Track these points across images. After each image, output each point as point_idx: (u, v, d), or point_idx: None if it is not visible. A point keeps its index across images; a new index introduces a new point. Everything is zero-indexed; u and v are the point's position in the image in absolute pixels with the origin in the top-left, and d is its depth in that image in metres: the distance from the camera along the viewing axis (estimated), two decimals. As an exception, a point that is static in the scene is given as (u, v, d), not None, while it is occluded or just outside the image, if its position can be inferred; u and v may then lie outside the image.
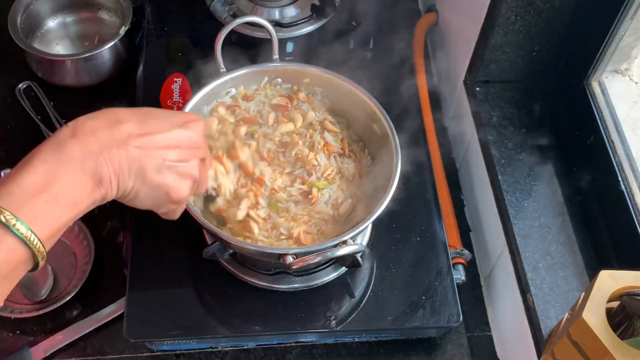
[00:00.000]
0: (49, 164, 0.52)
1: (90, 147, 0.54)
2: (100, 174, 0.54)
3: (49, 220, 0.51)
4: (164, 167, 0.59)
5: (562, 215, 0.85)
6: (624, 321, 0.62)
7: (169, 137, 0.59)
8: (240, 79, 0.88)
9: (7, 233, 0.49)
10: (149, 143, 0.58)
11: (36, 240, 0.50)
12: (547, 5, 0.86)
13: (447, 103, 1.12)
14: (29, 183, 0.51)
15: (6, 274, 0.50)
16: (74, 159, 0.53)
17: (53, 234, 0.52)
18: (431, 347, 0.89)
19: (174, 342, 0.85)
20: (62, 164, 0.53)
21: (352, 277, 0.87)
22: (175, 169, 0.60)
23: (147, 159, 0.57)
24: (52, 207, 0.51)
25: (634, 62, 0.89)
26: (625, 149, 0.82)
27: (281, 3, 1.13)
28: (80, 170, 0.53)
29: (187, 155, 0.61)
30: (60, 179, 0.52)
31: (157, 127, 0.59)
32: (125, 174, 0.56)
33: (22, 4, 1.08)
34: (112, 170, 0.55)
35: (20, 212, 0.50)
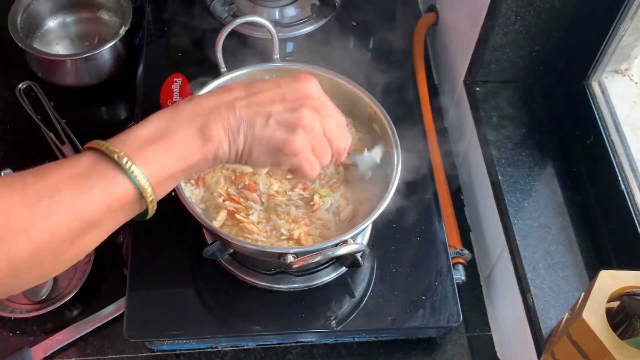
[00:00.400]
0: (162, 121, 0.57)
1: (201, 107, 0.58)
2: (209, 131, 0.57)
3: (159, 166, 0.55)
4: (271, 120, 0.60)
5: (562, 215, 0.85)
6: (624, 321, 0.62)
7: (272, 93, 0.61)
8: (241, 79, 0.88)
9: (119, 171, 0.53)
10: (254, 101, 0.60)
11: (145, 181, 0.53)
12: (547, 5, 0.86)
13: (447, 103, 1.12)
14: (143, 134, 0.56)
15: (115, 209, 0.53)
16: (185, 117, 0.57)
17: (163, 180, 0.56)
18: (431, 347, 0.89)
19: (174, 342, 0.85)
20: (174, 121, 0.57)
21: (352, 277, 0.87)
22: (282, 121, 0.60)
23: (253, 116, 0.59)
24: (163, 155, 0.55)
25: (634, 62, 0.89)
26: (625, 149, 0.82)
27: (281, 3, 1.13)
28: (190, 126, 0.57)
29: (292, 105, 0.61)
30: (172, 132, 0.56)
31: (262, 88, 0.62)
32: (235, 132, 0.59)
33: (22, 4, 1.08)
34: (222, 128, 0.58)
35: (134, 155, 0.53)
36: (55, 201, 0.50)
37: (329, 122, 0.64)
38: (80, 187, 0.52)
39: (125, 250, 0.95)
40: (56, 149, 1.03)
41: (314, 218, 0.80)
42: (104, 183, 0.52)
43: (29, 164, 1.04)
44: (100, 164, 0.53)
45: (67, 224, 0.51)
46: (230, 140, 0.59)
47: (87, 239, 0.53)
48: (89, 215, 0.52)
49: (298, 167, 0.64)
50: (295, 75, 0.64)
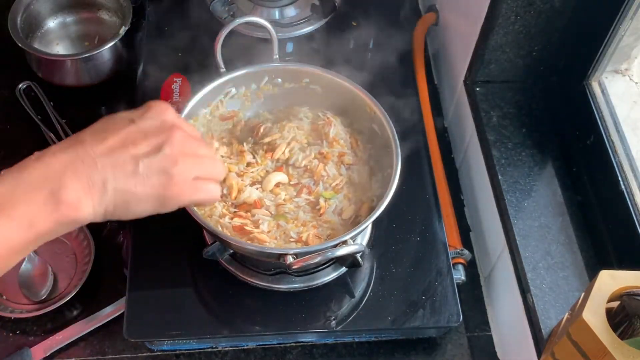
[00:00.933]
0: (6, 185, 0.51)
1: (53, 168, 0.52)
2: (64, 194, 0.51)
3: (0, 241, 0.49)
4: (141, 166, 0.54)
5: (562, 215, 0.85)
6: (624, 321, 0.62)
7: (130, 133, 0.55)
8: (241, 79, 0.88)
9: None
10: (113, 147, 0.54)
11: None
12: (547, 5, 0.86)
13: (447, 103, 1.12)
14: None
15: None
16: (33, 180, 0.51)
17: (6, 255, 0.50)
18: (431, 347, 0.89)
19: (174, 342, 0.85)
20: (20, 184, 0.51)
21: (352, 277, 0.87)
22: (153, 164, 0.55)
23: (120, 165, 0.53)
24: (5, 228, 0.49)
25: (634, 62, 0.89)
26: (625, 149, 0.82)
27: (281, 3, 1.13)
28: (39, 189, 0.51)
29: (157, 140, 0.56)
30: (15, 199, 0.50)
31: (117, 129, 0.55)
32: (100, 189, 0.53)
33: (22, 4, 1.08)
34: (81, 188, 0.52)
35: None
36: None
37: (198, 145, 0.59)
38: None
39: (125, 250, 0.95)
40: (56, 149, 1.03)
41: (321, 221, 0.80)
42: None
43: (29, 164, 1.04)
44: None
45: None
46: (96, 199, 0.52)
47: None
48: None
49: (195, 202, 0.60)
50: (147, 105, 0.59)
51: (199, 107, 0.86)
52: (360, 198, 0.83)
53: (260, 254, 0.76)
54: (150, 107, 0.59)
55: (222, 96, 0.88)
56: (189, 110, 0.83)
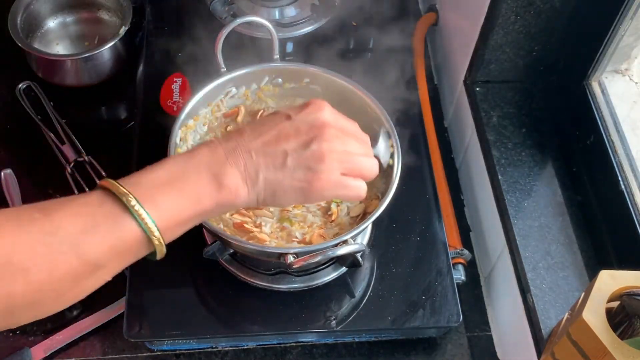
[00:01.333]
0: (178, 165, 0.56)
1: (218, 153, 0.58)
2: (225, 179, 0.56)
3: (169, 210, 0.54)
4: (288, 160, 0.58)
5: (562, 215, 0.85)
6: (624, 321, 0.62)
7: (284, 129, 0.59)
8: (241, 79, 0.88)
9: (127, 214, 0.52)
10: (268, 141, 0.59)
11: (153, 225, 0.52)
12: (547, 5, 0.86)
13: (447, 103, 1.12)
14: (157, 176, 0.55)
15: (120, 252, 0.53)
16: (201, 162, 0.57)
17: (173, 224, 0.55)
18: (431, 347, 0.89)
19: (174, 342, 0.85)
20: (190, 165, 0.56)
21: (352, 277, 0.87)
22: (300, 160, 0.59)
23: (270, 158, 0.58)
24: (174, 198, 0.54)
25: (634, 62, 0.89)
26: (625, 149, 0.82)
27: (281, 3, 1.13)
28: (206, 171, 0.56)
29: (307, 137, 0.59)
30: (186, 177, 0.55)
31: (274, 124, 0.60)
32: (254, 178, 0.58)
33: (22, 4, 1.08)
34: (239, 174, 0.57)
35: (143, 197, 0.52)
36: (59, 240, 0.49)
37: (350, 142, 0.62)
38: (86, 226, 0.50)
39: (125, 250, 0.95)
40: (56, 149, 1.03)
41: (331, 224, 0.80)
42: (110, 225, 0.51)
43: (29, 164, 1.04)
44: (109, 205, 0.52)
45: (69, 265, 0.49)
46: (249, 186, 0.58)
47: (90, 282, 0.52)
48: (92, 257, 0.51)
49: (340, 197, 0.62)
50: (306, 103, 0.62)
51: (200, 106, 0.86)
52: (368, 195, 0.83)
53: (261, 253, 0.76)
54: (309, 104, 0.62)
55: (222, 96, 0.88)
56: (189, 110, 0.83)
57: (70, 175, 1.00)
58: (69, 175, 1.00)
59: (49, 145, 1.03)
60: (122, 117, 1.12)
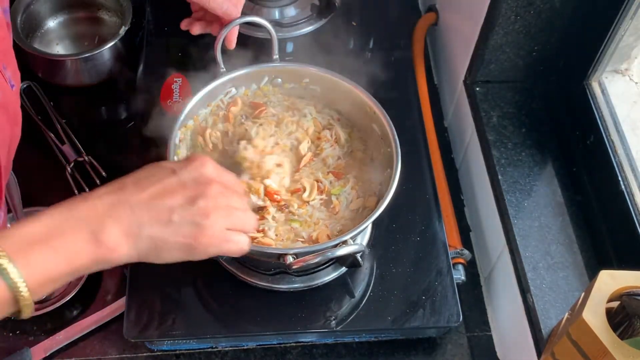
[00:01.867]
0: (55, 220, 0.54)
1: (97, 209, 0.56)
2: (104, 236, 0.55)
3: (41, 267, 0.52)
4: (174, 216, 0.58)
5: (562, 215, 0.85)
6: (624, 321, 0.62)
7: (169, 184, 0.59)
8: (240, 79, 0.88)
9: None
10: (152, 196, 0.58)
11: (22, 284, 0.51)
12: (547, 5, 0.86)
13: (447, 103, 1.12)
14: (32, 231, 0.53)
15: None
16: (80, 218, 0.55)
17: (43, 282, 0.53)
18: (431, 347, 0.89)
19: (174, 342, 0.85)
20: (67, 221, 0.54)
21: (352, 277, 0.87)
22: (186, 215, 0.58)
23: (155, 214, 0.57)
24: (47, 256, 0.53)
25: (634, 62, 0.89)
26: (625, 149, 0.82)
27: (281, 3, 1.13)
28: (84, 229, 0.54)
29: (193, 192, 0.59)
30: (62, 233, 0.54)
31: (157, 179, 0.59)
32: (136, 234, 0.56)
33: (22, 4, 1.08)
34: (120, 232, 0.56)
35: (15, 254, 0.51)
36: None
37: (233, 197, 0.62)
38: None
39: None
40: (56, 148, 1.03)
41: (335, 218, 0.81)
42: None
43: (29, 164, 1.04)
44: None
45: None
46: (131, 243, 0.56)
47: None
48: None
49: (223, 253, 0.62)
50: (189, 158, 0.62)
51: (199, 107, 0.86)
52: (365, 191, 0.83)
53: (261, 254, 0.76)
54: (193, 159, 0.62)
55: (222, 96, 0.88)
56: (189, 110, 0.83)
57: (70, 175, 1.00)
58: (69, 175, 1.00)
59: (49, 145, 1.03)
60: (122, 117, 1.12)
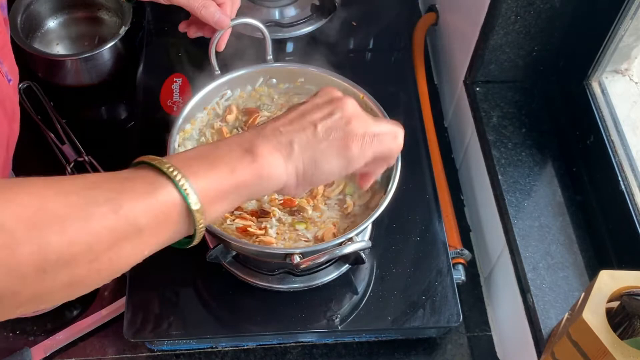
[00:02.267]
0: (207, 146, 0.57)
1: (245, 136, 0.59)
2: (257, 149, 0.57)
3: (206, 179, 0.53)
4: (319, 128, 0.60)
5: (562, 215, 0.85)
6: (624, 321, 0.62)
7: (305, 107, 0.62)
8: (235, 81, 0.88)
9: (165, 179, 0.50)
10: (293, 119, 0.61)
11: (191, 191, 0.51)
12: (547, 5, 0.86)
13: (447, 103, 1.12)
14: (188, 154, 0.55)
15: (159, 219, 0.50)
16: (231, 141, 0.58)
17: (212, 195, 0.53)
18: (431, 347, 0.89)
19: (174, 342, 0.85)
20: (219, 144, 0.57)
21: (353, 277, 0.87)
22: (330, 125, 0.60)
23: (300, 130, 0.60)
24: (209, 168, 0.54)
25: (634, 62, 0.89)
26: (625, 149, 0.82)
27: (281, 3, 1.13)
28: (236, 146, 0.57)
29: (329, 108, 0.62)
30: (218, 151, 0.56)
31: (289, 111, 0.63)
32: (288, 149, 0.58)
33: (22, 4, 1.08)
34: (271, 147, 0.58)
35: (181, 166, 0.52)
36: (94, 194, 0.47)
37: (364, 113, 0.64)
38: (123, 187, 0.49)
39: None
40: (56, 148, 1.03)
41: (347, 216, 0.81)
42: (148, 187, 0.49)
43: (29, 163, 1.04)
44: (145, 171, 0.51)
45: (105, 218, 0.46)
46: (285, 157, 0.58)
47: (127, 247, 0.48)
48: (130, 214, 0.47)
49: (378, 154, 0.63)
50: (316, 92, 0.65)
51: (196, 111, 0.86)
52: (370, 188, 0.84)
53: (266, 254, 0.76)
54: (320, 90, 0.65)
55: (218, 98, 0.88)
56: (185, 115, 0.83)
57: (70, 175, 1.00)
58: (69, 175, 1.00)
59: (49, 145, 1.03)
60: (122, 117, 1.12)
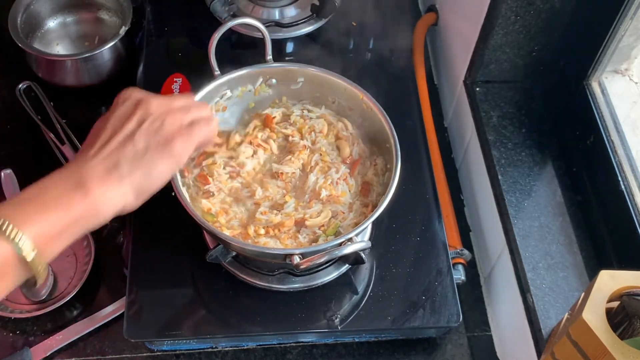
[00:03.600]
0: (42, 184, 0.57)
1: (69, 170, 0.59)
2: (86, 184, 0.57)
3: (42, 223, 0.53)
4: (136, 136, 0.60)
5: (562, 215, 0.85)
6: (624, 321, 0.62)
7: (112, 125, 0.62)
8: (235, 81, 0.88)
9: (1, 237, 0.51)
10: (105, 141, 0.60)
11: (28, 244, 0.51)
12: (547, 5, 0.86)
13: (447, 103, 1.12)
14: (26, 195, 0.55)
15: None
16: (60, 177, 0.58)
17: (49, 237, 0.54)
18: (431, 347, 0.89)
19: (174, 342, 0.85)
20: (51, 181, 0.57)
21: (353, 277, 0.87)
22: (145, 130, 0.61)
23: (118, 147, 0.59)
24: (44, 211, 0.54)
25: (634, 62, 0.89)
26: (625, 149, 0.82)
27: (281, 3, 1.13)
28: (65, 182, 0.57)
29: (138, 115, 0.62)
30: (47, 190, 0.56)
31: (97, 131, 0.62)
32: (115, 168, 0.58)
33: (22, 4, 1.08)
34: (100, 173, 0.58)
35: (15, 216, 0.52)
36: None
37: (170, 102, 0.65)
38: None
39: (125, 250, 0.95)
40: (56, 149, 1.03)
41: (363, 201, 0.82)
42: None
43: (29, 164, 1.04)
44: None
45: None
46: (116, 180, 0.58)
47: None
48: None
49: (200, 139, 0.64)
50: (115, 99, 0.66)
51: None
52: None
53: (266, 255, 0.76)
54: (118, 97, 0.65)
55: (218, 98, 0.88)
56: None
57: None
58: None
59: (49, 145, 1.04)
60: (122, 117, 1.12)
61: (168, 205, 0.76)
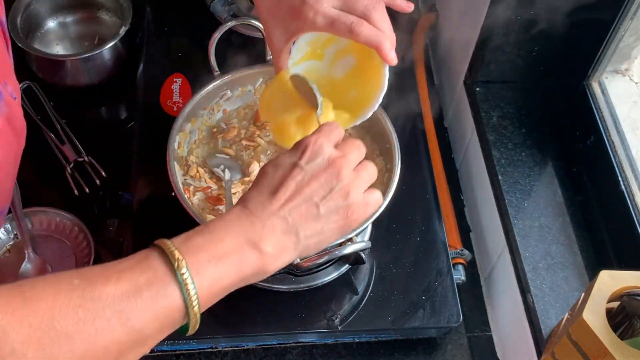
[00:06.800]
0: (217, 232, 0.55)
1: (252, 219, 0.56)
2: (263, 247, 0.55)
3: (213, 278, 0.52)
4: (321, 208, 0.58)
5: (562, 216, 0.85)
6: (624, 321, 0.62)
7: (298, 182, 0.58)
8: (235, 82, 0.88)
9: (174, 284, 0.50)
10: (290, 199, 0.57)
11: (195, 299, 0.50)
12: (548, 5, 0.86)
13: (447, 103, 1.12)
14: (200, 240, 0.53)
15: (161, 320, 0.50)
16: (238, 230, 0.55)
17: (215, 292, 0.53)
18: (431, 347, 0.89)
19: (174, 342, 0.85)
20: (228, 233, 0.55)
21: (353, 277, 0.87)
22: (330, 201, 0.58)
23: (302, 213, 0.57)
24: (216, 264, 0.52)
25: (634, 62, 0.89)
26: (625, 149, 0.82)
27: (281, 3, 1.12)
28: (243, 238, 0.55)
29: (327, 180, 0.59)
30: (224, 242, 0.54)
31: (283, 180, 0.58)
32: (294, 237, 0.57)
33: (22, 4, 1.08)
34: (278, 239, 0.56)
35: (189, 260, 0.51)
36: (101, 305, 0.47)
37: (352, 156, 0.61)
38: (129, 292, 0.48)
39: (125, 250, 0.95)
40: (56, 149, 1.03)
41: None
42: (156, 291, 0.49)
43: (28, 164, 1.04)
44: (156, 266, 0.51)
45: (113, 332, 0.47)
46: (292, 246, 0.57)
47: (129, 356, 0.49)
48: (137, 327, 0.48)
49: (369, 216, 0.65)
50: (300, 145, 0.60)
51: (195, 111, 0.86)
52: None
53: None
54: (305, 145, 0.60)
55: (218, 99, 0.88)
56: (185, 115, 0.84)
57: (70, 175, 1.00)
58: (69, 175, 1.00)
59: (49, 145, 1.03)
60: (122, 117, 1.12)
61: (168, 205, 0.76)
